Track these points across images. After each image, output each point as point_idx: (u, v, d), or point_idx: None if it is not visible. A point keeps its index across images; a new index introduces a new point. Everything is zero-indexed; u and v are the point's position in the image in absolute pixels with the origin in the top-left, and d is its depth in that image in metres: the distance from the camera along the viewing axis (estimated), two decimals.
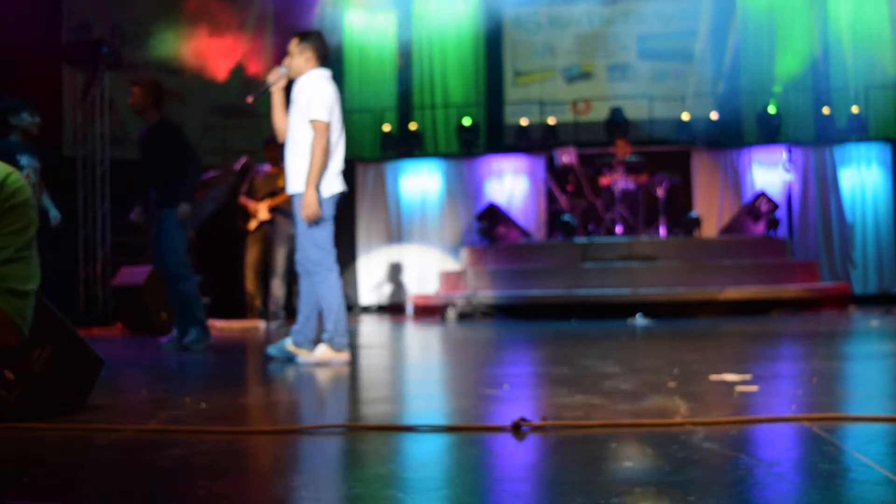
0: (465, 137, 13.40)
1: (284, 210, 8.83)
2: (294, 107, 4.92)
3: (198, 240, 10.75)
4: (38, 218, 2.88)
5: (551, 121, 13.17)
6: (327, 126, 4.80)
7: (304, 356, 5.00)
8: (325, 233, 4.85)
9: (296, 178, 4.88)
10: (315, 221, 4.78)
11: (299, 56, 4.98)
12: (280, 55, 13.43)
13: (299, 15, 13.05)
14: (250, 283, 8.86)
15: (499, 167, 13.26)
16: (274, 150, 8.97)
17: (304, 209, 4.75)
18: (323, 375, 4.52)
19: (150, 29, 12.14)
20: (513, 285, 9.84)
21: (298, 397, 3.70)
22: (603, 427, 2.67)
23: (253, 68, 12.70)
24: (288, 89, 5.08)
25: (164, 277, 6.26)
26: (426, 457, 2.42)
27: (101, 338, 7.73)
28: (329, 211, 4.88)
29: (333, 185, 4.92)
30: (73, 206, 10.28)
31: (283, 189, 8.82)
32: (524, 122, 13.28)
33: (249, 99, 5.31)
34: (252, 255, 8.91)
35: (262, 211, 8.80)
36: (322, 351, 4.94)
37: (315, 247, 4.83)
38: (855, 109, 12.63)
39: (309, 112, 4.81)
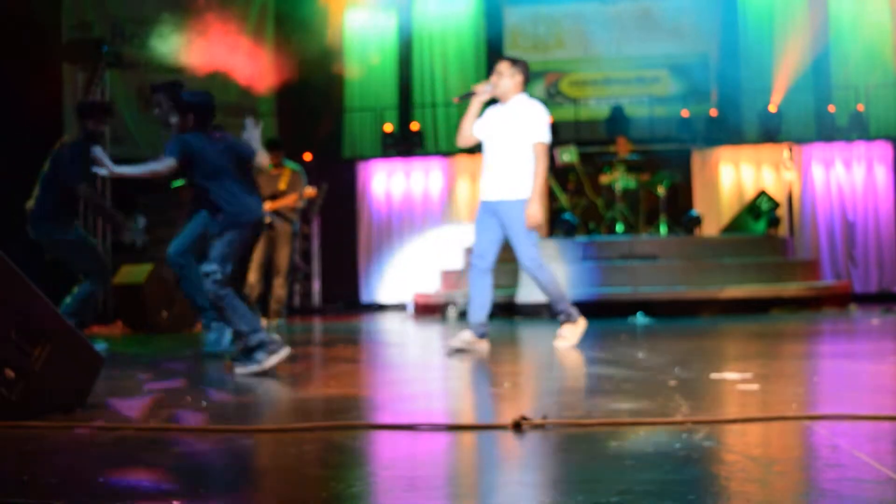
0: None
1: (284, 213, 8.81)
2: (509, 124, 5.45)
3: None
4: None
5: (551, 119, 13.17)
6: (548, 147, 5.46)
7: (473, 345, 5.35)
8: (535, 234, 5.49)
9: (508, 186, 5.41)
10: (534, 228, 5.43)
11: (510, 79, 5.45)
12: (280, 54, 13.41)
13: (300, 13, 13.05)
14: (252, 276, 8.84)
15: None
16: (277, 151, 8.94)
17: (530, 219, 5.35)
18: (325, 375, 4.51)
19: (151, 27, 12.14)
20: (513, 284, 9.83)
21: (300, 396, 3.70)
22: (603, 426, 2.66)
23: (253, 67, 12.69)
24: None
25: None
26: (427, 455, 2.42)
27: (102, 336, 7.74)
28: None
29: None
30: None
31: (284, 192, 8.81)
32: None
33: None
34: (257, 251, 8.90)
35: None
36: (569, 330, 5.43)
37: (533, 246, 5.42)
38: (860, 108, 12.62)
39: (534, 135, 5.39)
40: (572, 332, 5.47)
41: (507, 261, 6.01)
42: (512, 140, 5.43)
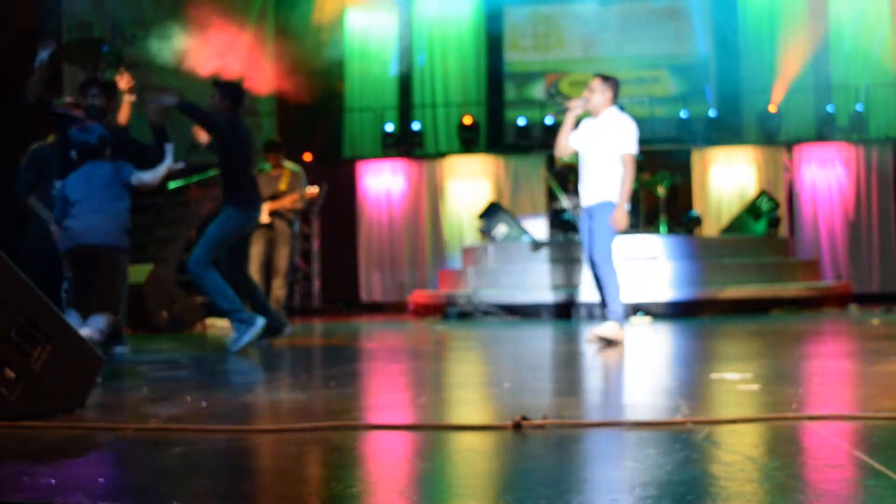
0: (466, 136, 13.40)
1: (284, 214, 8.80)
2: (601, 136, 5.93)
3: (198, 237, 10.74)
4: None
5: (550, 120, 13.18)
6: (635, 157, 5.92)
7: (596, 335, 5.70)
8: (615, 234, 5.83)
9: (599, 192, 5.87)
10: (622, 230, 5.83)
11: (601, 94, 6.05)
12: (280, 53, 13.39)
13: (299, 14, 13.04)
14: (252, 275, 8.82)
15: (499, 165, 13.26)
16: (276, 153, 8.93)
17: (618, 222, 5.75)
18: (325, 375, 4.51)
19: (151, 27, 12.15)
20: (513, 284, 9.83)
21: (300, 396, 3.70)
22: (604, 426, 2.66)
23: (253, 68, 12.69)
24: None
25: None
26: (427, 456, 2.42)
27: None
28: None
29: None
30: None
31: (284, 192, 8.80)
32: (524, 121, 13.29)
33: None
34: (256, 250, 8.89)
35: (263, 213, 8.78)
36: (612, 328, 5.61)
37: (609, 243, 5.80)
38: (860, 108, 12.62)
39: (624, 146, 5.84)
40: (613, 331, 5.60)
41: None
42: (603, 151, 5.89)
